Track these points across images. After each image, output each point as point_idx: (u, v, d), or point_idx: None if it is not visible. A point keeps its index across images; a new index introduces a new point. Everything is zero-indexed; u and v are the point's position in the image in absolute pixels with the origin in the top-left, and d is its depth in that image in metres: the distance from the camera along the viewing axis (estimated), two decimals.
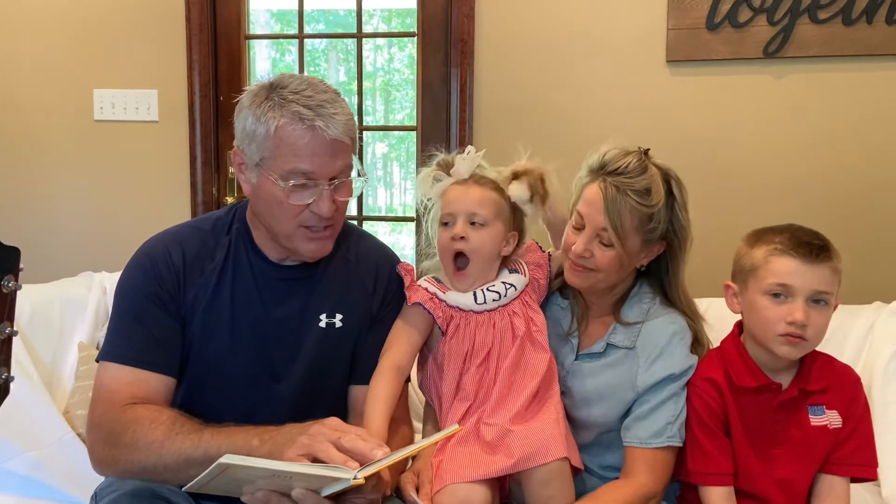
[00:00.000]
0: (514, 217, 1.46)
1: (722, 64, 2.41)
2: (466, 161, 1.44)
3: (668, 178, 1.42)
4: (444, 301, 1.42)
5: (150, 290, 1.37)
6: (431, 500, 1.31)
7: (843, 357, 1.65)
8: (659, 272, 1.49)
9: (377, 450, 1.12)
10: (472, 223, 1.41)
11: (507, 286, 1.44)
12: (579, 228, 1.42)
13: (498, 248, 1.44)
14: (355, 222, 2.83)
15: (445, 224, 1.43)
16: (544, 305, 1.53)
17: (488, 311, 1.42)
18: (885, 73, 2.34)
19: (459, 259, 1.42)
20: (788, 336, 1.32)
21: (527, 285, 1.47)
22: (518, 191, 1.44)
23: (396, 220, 4.03)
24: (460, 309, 1.42)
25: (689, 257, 1.48)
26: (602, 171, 1.41)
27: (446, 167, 1.46)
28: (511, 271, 1.48)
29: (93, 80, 2.78)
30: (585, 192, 1.42)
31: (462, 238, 1.40)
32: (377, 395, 1.36)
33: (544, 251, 1.54)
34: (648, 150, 1.43)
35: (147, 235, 1.46)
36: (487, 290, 1.43)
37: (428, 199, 1.48)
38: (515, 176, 1.45)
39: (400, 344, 1.42)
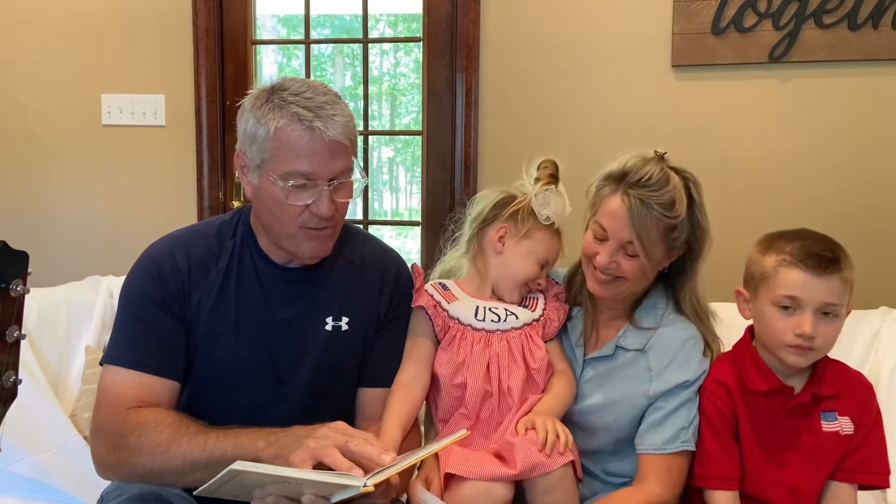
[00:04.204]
0: None
1: (727, 69, 2.41)
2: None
3: (687, 183, 1.40)
4: (447, 311, 1.43)
5: (155, 294, 1.37)
6: (441, 497, 1.32)
7: (849, 362, 1.64)
8: (674, 274, 1.48)
9: (384, 454, 1.12)
10: None
11: (509, 313, 1.44)
12: (601, 240, 1.41)
13: None
14: (361, 226, 2.83)
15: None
16: None
17: (486, 330, 1.42)
18: (891, 77, 2.33)
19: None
20: (797, 347, 1.32)
21: (535, 321, 1.46)
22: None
23: (402, 224, 4.04)
24: (459, 322, 1.43)
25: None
26: (623, 181, 1.38)
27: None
28: (522, 304, 1.48)
29: (100, 84, 2.80)
30: (607, 203, 1.39)
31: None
32: (392, 406, 1.38)
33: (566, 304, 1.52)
34: (665, 153, 1.41)
35: (154, 239, 1.46)
36: (490, 309, 1.44)
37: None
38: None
39: (413, 355, 1.43)
